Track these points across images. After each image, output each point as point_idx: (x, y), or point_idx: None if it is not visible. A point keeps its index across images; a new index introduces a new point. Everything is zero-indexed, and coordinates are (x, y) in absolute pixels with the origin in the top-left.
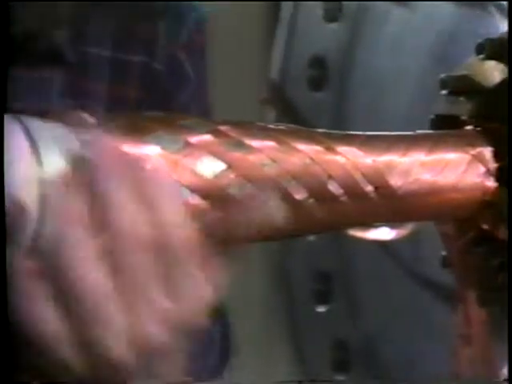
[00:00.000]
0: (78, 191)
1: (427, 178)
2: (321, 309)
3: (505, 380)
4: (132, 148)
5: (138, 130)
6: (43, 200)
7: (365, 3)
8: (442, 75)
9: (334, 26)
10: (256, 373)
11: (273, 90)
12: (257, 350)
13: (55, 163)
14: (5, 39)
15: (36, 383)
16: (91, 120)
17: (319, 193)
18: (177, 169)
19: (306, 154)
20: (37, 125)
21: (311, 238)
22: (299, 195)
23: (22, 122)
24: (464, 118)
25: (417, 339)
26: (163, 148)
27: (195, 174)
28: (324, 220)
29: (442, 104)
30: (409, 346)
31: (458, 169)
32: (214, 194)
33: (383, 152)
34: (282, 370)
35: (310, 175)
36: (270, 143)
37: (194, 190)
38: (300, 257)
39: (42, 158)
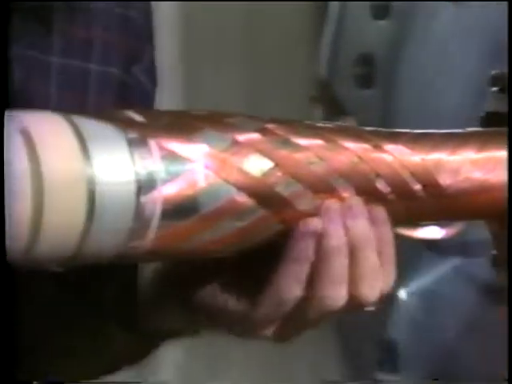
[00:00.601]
0: None
1: (478, 176)
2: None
3: (505, 380)
4: (180, 146)
5: (185, 129)
6: (92, 197)
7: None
8: (493, 72)
9: (382, 23)
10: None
11: (320, 87)
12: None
13: (104, 161)
14: (5, 39)
15: (36, 383)
16: (139, 118)
17: (367, 191)
18: (224, 167)
19: (353, 152)
20: (85, 123)
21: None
22: (347, 193)
23: (70, 120)
24: None
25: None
26: (211, 146)
27: (242, 171)
28: None
29: (492, 101)
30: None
31: None
32: (261, 192)
33: (432, 150)
34: (330, 368)
35: (358, 173)
36: (318, 141)
37: (241, 188)
38: None
39: (90, 156)
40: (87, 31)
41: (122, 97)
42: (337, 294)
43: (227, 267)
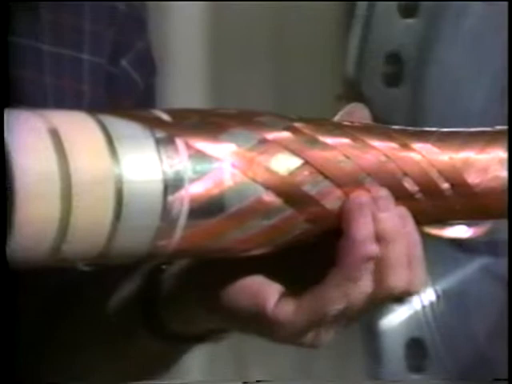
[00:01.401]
0: None
1: (506, 174)
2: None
3: (505, 380)
4: (207, 145)
5: (212, 128)
6: (119, 197)
7: None
8: None
9: (410, 21)
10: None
11: (348, 86)
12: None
13: (131, 161)
14: (5, 40)
15: (36, 383)
16: (166, 117)
17: (394, 190)
18: (251, 166)
19: (380, 150)
20: (113, 122)
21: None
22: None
23: (98, 120)
24: None
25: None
26: (238, 145)
27: (270, 170)
28: None
29: None
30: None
31: None
32: (288, 191)
33: (460, 148)
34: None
35: (385, 172)
36: (345, 140)
37: (268, 187)
38: None
39: (118, 155)
40: (76, 20)
41: (110, 88)
42: (365, 285)
43: (259, 268)
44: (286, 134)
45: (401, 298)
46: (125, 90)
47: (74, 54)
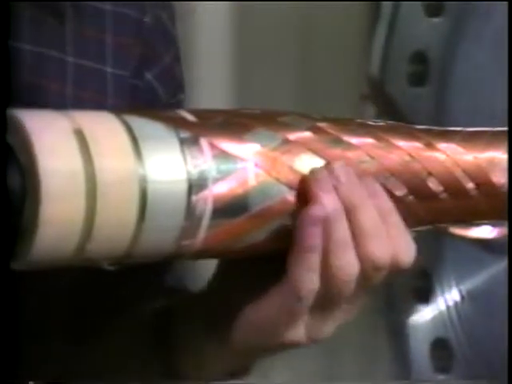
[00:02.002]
0: None
1: None
2: (422, 307)
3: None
4: (231, 145)
5: (236, 128)
6: (144, 197)
7: None
8: None
9: (435, 20)
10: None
11: (373, 85)
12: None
13: (156, 161)
14: (5, 40)
15: (36, 383)
16: (190, 118)
17: (419, 190)
18: (275, 166)
19: (405, 150)
20: (138, 122)
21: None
22: (398, 192)
23: (123, 120)
24: None
25: None
26: (262, 145)
27: (293, 170)
28: (424, 217)
29: None
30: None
31: None
32: None
33: (485, 148)
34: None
35: (410, 172)
36: (369, 140)
37: (292, 187)
38: None
39: (142, 156)
40: (99, 33)
41: (133, 100)
42: (346, 260)
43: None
44: (309, 134)
45: (397, 270)
46: (148, 103)
47: (97, 67)
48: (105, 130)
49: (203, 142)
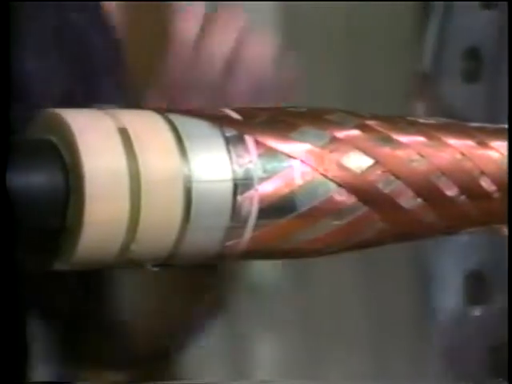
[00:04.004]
0: None
1: None
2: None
3: (505, 380)
4: (277, 144)
5: (282, 126)
6: (189, 196)
7: None
8: None
9: (490, 13)
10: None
11: (424, 83)
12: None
13: (201, 160)
14: (5, 41)
15: (35, 383)
16: (235, 115)
17: (471, 189)
18: (323, 164)
19: (456, 148)
20: (182, 120)
21: (464, 237)
22: (450, 192)
23: (167, 118)
24: None
25: None
26: (309, 143)
27: (341, 169)
28: (476, 217)
29: None
30: None
31: None
32: (361, 190)
33: None
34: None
35: (461, 171)
36: (420, 138)
37: (340, 186)
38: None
39: (187, 155)
40: None
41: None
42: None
43: None
44: (357, 132)
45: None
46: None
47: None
48: (149, 128)
49: (249, 140)
